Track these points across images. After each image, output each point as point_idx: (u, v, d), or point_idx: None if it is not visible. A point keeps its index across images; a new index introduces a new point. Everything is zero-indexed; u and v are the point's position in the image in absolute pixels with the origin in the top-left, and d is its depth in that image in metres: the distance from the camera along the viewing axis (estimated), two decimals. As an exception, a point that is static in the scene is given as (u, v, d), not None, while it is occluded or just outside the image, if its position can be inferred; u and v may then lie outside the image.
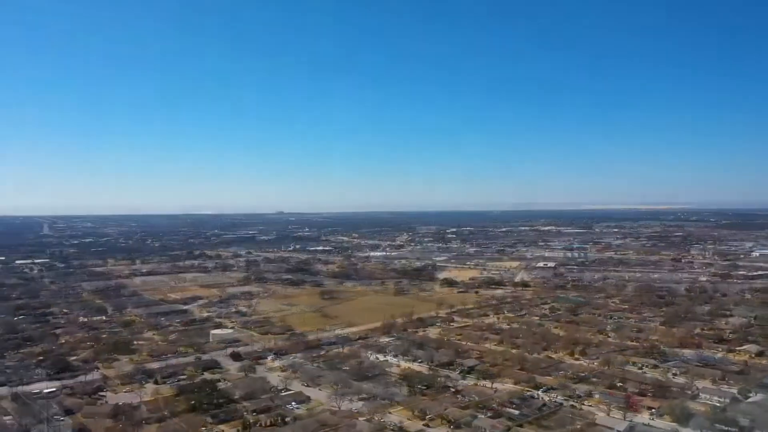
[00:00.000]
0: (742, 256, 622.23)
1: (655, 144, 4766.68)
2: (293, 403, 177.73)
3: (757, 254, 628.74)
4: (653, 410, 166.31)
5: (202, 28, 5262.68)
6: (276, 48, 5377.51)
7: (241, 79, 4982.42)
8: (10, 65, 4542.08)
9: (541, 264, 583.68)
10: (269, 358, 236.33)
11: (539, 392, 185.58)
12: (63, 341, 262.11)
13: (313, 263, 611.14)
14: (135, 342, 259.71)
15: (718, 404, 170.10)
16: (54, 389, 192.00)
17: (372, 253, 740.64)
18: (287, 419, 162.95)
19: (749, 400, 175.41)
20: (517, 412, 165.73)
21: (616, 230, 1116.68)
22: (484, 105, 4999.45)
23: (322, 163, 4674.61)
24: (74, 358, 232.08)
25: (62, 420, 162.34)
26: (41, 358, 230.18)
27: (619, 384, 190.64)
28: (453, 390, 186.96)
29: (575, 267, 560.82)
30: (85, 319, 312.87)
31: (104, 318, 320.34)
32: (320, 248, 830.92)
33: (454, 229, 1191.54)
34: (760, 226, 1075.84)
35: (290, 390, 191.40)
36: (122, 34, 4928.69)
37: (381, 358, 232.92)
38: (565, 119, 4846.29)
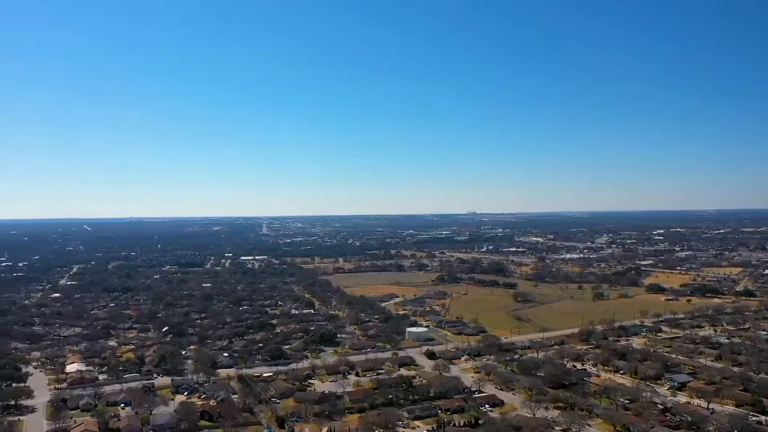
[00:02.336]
0: None
1: None
2: (486, 405, 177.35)
3: None
4: None
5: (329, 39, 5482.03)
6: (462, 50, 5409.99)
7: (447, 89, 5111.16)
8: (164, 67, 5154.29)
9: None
10: (463, 358, 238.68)
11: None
12: (278, 331, 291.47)
13: (507, 264, 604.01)
14: (339, 335, 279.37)
15: None
16: (271, 374, 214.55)
17: (568, 255, 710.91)
18: (480, 421, 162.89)
19: None
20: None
21: None
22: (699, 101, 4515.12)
23: (514, 164, 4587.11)
24: (287, 347, 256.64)
25: (278, 403, 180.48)
26: (261, 345, 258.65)
27: None
28: (661, 407, 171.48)
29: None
30: (296, 312, 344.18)
31: (312, 311, 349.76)
32: (513, 249, 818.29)
33: (662, 231, 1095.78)
34: None
35: (483, 392, 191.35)
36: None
37: (578, 366, 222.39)
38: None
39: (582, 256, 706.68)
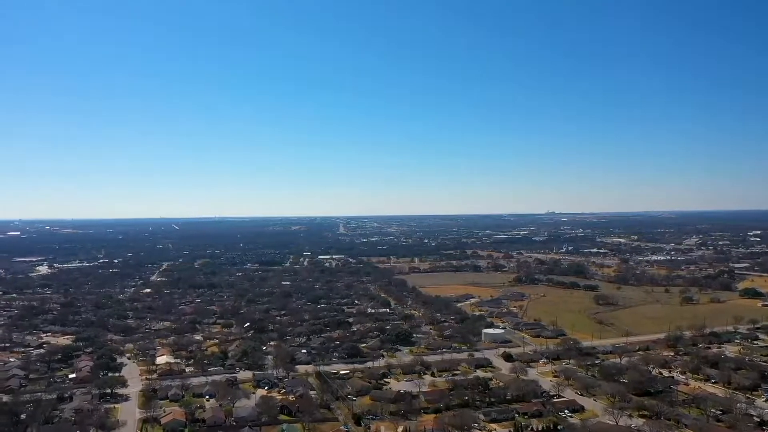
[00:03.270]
0: None
1: None
2: (566, 411, 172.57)
3: None
4: None
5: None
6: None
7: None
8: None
9: None
10: (541, 361, 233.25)
11: None
12: (355, 329, 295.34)
13: (587, 266, 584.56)
14: (414, 335, 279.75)
15: None
16: (348, 371, 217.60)
17: (654, 257, 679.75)
18: (560, 427, 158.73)
19: None
20: None
21: None
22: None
23: (595, 162, 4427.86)
24: (364, 345, 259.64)
25: (354, 400, 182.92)
26: (338, 342, 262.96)
27: None
28: (757, 420, 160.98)
29: None
30: (372, 311, 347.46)
31: (388, 310, 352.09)
32: (594, 250, 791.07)
33: (759, 232, 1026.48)
34: None
35: (563, 397, 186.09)
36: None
37: (665, 373, 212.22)
38: None
39: (669, 258, 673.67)
